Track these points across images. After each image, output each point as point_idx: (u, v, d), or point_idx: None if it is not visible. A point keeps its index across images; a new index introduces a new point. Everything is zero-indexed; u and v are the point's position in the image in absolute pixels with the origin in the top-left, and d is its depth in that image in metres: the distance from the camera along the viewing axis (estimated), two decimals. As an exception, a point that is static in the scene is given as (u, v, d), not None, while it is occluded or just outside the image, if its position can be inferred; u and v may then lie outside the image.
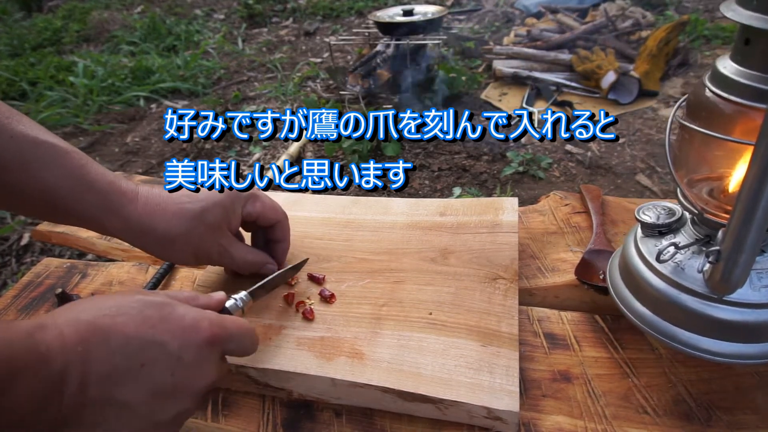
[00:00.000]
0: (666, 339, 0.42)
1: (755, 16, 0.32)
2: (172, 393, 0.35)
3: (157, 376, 0.34)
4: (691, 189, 0.43)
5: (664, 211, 0.46)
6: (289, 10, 3.98)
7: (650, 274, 0.43)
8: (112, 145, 2.34)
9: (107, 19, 3.88)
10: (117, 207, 0.45)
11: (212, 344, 0.37)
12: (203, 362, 0.37)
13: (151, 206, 0.47)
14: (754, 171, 0.31)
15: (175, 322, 0.36)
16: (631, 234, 0.47)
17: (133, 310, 0.36)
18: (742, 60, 0.35)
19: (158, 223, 0.47)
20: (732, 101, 0.36)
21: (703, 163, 0.42)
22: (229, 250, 0.51)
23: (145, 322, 0.35)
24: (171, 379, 0.35)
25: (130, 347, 0.34)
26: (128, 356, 0.34)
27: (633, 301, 0.45)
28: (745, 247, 0.34)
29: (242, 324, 0.41)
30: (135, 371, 0.34)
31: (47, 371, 0.30)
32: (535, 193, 1.76)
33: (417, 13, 2.20)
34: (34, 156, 0.42)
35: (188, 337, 0.36)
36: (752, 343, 0.40)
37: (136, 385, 0.34)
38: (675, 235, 0.44)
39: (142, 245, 0.48)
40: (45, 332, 0.32)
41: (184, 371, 0.36)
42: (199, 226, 0.48)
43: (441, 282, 0.53)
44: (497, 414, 0.41)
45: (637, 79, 2.21)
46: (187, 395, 0.36)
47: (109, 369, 0.33)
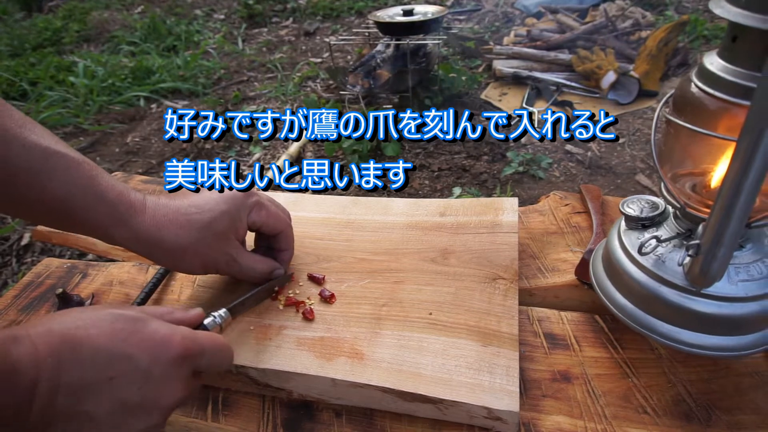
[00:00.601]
0: (646, 331, 0.42)
1: (743, 14, 0.32)
2: (138, 408, 0.35)
3: (125, 390, 0.34)
4: (675, 183, 0.43)
5: (648, 204, 0.46)
6: (289, 10, 3.98)
7: (632, 267, 0.44)
8: (113, 145, 2.34)
9: (107, 19, 3.88)
10: (126, 218, 0.46)
11: (183, 359, 0.37)
12: (172, 379, 0.37)
13: (159, 218, 0.47)
14: (735, 167, 0.32)
15: (146, 337, 0.36)
16: (615, 227, 0.48)
17: (105, 323, 0.36)
18: (729, 57, 0.36)
19: (167, 235, 0.47)
20: (717, 97, 0.36)
21: (687, 159, 0.43)
22: (237, 260, 0.51)
23: (116, 335, 0.35)
24: (138, 394, 0.35)
25: (99, 359, 0.34)
26: (97, 368, 0.34)
27: (615, 293, 0.46)
28: (723, 241, 0.35)
29: (216, 339, 0.41)
30: (103, 384, 0.34)
31: (17, 384, 0.31)
32: (535, 193, 1.76)
33: (417, 13, 2.20)
34: (45, 166, 0.42)
35: (158, 352, 0.36)
36: (730, 336, 0.40)
37: (102, 398, 0.34)
38: (658, 228, 0.45)
39: (151, 256, 0.48)
40: (18, 345, 0.32)
41: (152, 387, 0.36)
42: (207, 237, 0.48)
43: (441, 282, 0.53)
44: (497, 414, 0.41)
45: (637, 79, 2.21)
46: (154, 411, 0.36)
47: (77, 381, 0.33)
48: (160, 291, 0.59)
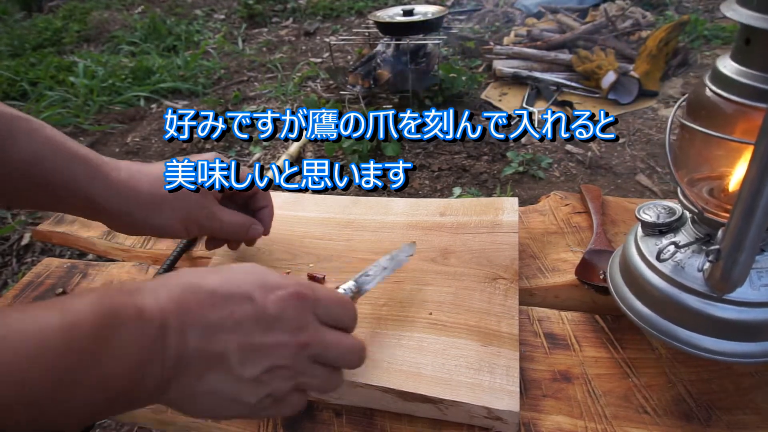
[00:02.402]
0: (666, 338, 0.42)
1: (755, 16, 0.32)
2: (264, 346, 0.35)
3: (248, 328, 0.34)
4: (692, 188, 0.43)
5: (665, 210, 0.46)
6: (289, 10, 3.98)
7: (650, 273, 0.43)
8: (113, 145, 2.34)
9: (107, 19, 3.88)
10: (103, 172, 0.46)
11: (298, 298, 0.36)
12: (290, 318, 0.36)
13: (134, 172, 0.48)
14: (754, 170, 0.31)
15: (260, 279, 0.37)
16: (632, 233, 0.47)
17: (221, 271, 0.37)
18: (743, 59, 0.35)
19: (143, 186, 0.47)
20: (732, 101, 0.36)
21: (704, 163, 0.42)
22: (217, 214, 0.51)
23: (232, 279, 0.36)
24: (261, 332, 0.35)
25: (218, 299, 0.34)
26: (218, 308, 0.34)
27: (633, 300, 0.45)
28: (744, 246, 0.34)
29: (334, 293, 0.40)
30: (226, 322, 0.34)
31: (147, 327, 0.32)
32: (535, 193, 1.76)
33: (417, 13, 2.20)
34: (12, 128, 0.43)
35: (273, 290, 0.36)
36: (752, 342, 0.40)
37: (229, 337, 0.34)
38: (675, 234, 0.44)
39: (129, 209, 0.48)
40: (138, 295, 0.33)
41: (273, 323, 0.35)
42: (184, 189, 0.49)
43: (441, 282, 0.53)
44: (497, 414, 0.41)
45: (637, 79, 2.21)
46: (280, 348, 0.35)
47: (202, 321, 0.34)
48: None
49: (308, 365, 0.36)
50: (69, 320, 0.29)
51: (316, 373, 0.37)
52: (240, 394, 0.34)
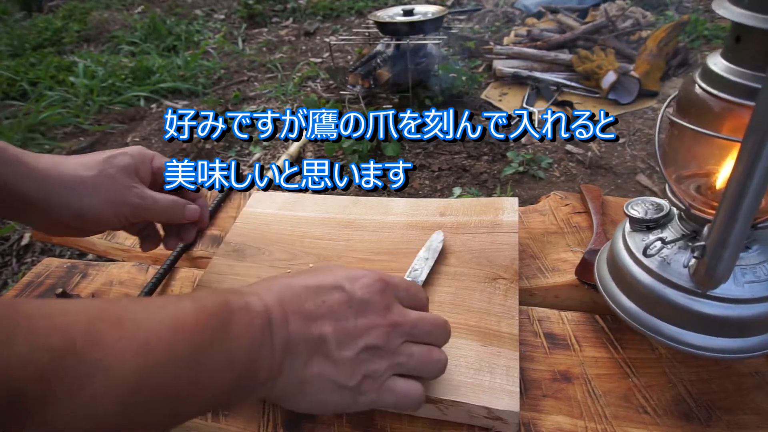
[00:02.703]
0: (652, 333, 0.42)
1: (746, 14, 0.32)
2: (356, 329, 0.37)
3: (340, 313, 0.38)
4: (679, 185, 0.43)
5: (653, 206, 0.46)
6: (289, 10, 3.98)
7: (637, 269, 0.43)
8: (113, 145, 2.34)
9: (107, 19, 3.88)
10: (28, 165, 0.45)
11: (382, 285, 0.39)
12: (376, 300, 0.39)
13: (57, 159, 0.48)
14: (740, 168, 0.32)
15: (345, 271, 0.41)
16: (620, 229, 0.48)
17: (306, 272, 0.41)
18: (733, 57, 0.35)
19: (66, 169, 0.47)
20: (721, 98, 0.36)
21: (692, 160, 0.42)
22: (149, 192, 0.51)
23: (319, 274, 0.40)
24: (352, 315, 0.38)
25: (310, 291, 0.38)
26: (311, 298, 0.38)
27: (620, 295, 0.45)
28: (729, 242, 0.35)
29: (409, 281, 0.43)
30: (320, 309, 0.37)
31: (254, 315, 0.35)
32: (535, 193, 1.76)
33: (417, 13, 2.20)
34: None
35: (359, 279, 0.39)
36: (736, 338, 0.40)
37: (325, 321, 0.37)
38: (662, 230, 0.45)
39: (50, 194, 0.46)
40: (240, 294, 0.37)
41: (362, 307, 0.38)
42: (109, 169, 0.48)
43: (441, 282, 0.53)
44: (497, 414, 0.41)
45: (637, 79, 2.21)
46: (372, 330, 0.38)
47: (299, 309, 0.37)
48: (160, 291, 0.59)
49: (400, 344, 0.39)
50: (199, 305, 0.33)
51: (410, 351, 0.39)
52: (340, 377, 0.37)
